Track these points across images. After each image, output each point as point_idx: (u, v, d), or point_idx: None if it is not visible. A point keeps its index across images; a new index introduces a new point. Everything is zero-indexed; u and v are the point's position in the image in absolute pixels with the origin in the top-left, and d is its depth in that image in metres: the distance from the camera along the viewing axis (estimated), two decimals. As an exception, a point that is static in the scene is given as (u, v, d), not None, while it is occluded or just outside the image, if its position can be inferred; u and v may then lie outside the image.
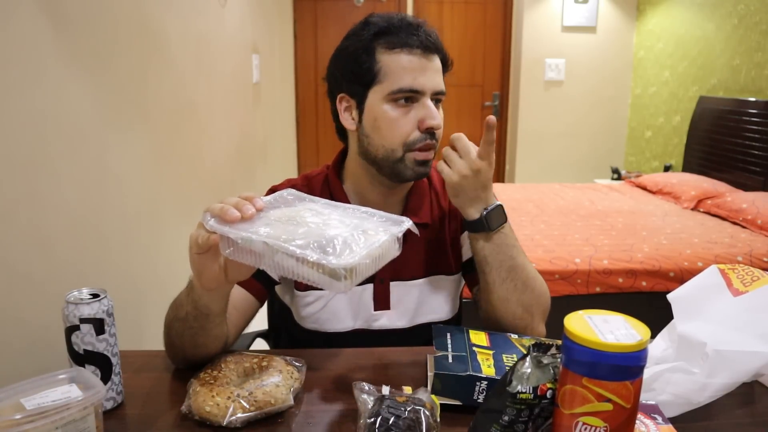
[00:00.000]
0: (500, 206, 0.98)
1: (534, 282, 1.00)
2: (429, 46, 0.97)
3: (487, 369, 0.81)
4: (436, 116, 0.97)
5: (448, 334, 0.91)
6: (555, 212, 2.97)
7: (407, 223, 0.78)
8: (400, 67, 0.96)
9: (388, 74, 0.97)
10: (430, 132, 0.98)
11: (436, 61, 0.99)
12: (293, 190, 0.84)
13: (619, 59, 4.44)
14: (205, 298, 0.82)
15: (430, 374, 0.84)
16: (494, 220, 0.97)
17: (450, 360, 0.83)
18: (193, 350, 0.89)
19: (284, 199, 0.82)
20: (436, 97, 1.00)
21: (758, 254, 2.26)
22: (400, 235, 0.76)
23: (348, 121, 1.03)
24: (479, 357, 0.84)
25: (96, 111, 1.27)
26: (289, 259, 0.69)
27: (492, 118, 0.92)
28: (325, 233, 0.71)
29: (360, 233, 0.73)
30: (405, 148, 0.98)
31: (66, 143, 1.14)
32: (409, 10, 4.52)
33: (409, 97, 0.98)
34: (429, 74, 0.97)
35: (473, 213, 0.97)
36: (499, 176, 4.79)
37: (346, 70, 1.01)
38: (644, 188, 3.54)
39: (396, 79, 0.96)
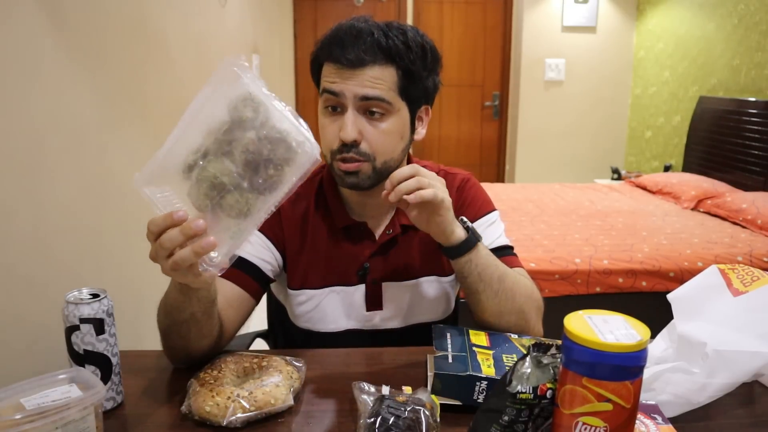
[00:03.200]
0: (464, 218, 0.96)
1: (519, 286, 0.98)
2: (351, 60, 0.93)
3: (487, 369, 0.81)
4: (345, 128, 0.94)
5: (448, 334, 0.91)
6: (555, 212, 2.97)
7: (242, 71, 0.70)
8: (325, 75, 0.98)
9: (321, 81, 0.99)
10: (346, 144, 0.94)
11: (366, 72, 0.94)
12: (140, 175, 0.72)
13: (619, 59, 4.44)
14: (212, 290, 0.83)
15: (430, 374, 0.84)
16: (475, 229, 0.95)
17: (450, 360, 0.83)
18: (198, 343, 0.88)
19: (164, 193, 0.73)
20: (367, 105, 0.95)
21: (758, 254, 2.26)
22: (245, 78, 0.69)
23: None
24: (479, 357, 0.84)
25: (95, 111, 1.27)
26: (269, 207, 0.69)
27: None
28: (235, 163, 0.69)
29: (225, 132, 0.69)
30: (332, 157, 0.98)
31: (65, 143, 1.14)
32: (409, 11, 4.52)
33: (335, 104, 0.96)
34: (350, 81, 0.94)
35: (459, 232, 0.92)
36: (499, 176, 4.79)
37: (312, 78, 1.05)
38: (644, 188, 3.54)
39: (322, 85, 0.99)
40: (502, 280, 0.96)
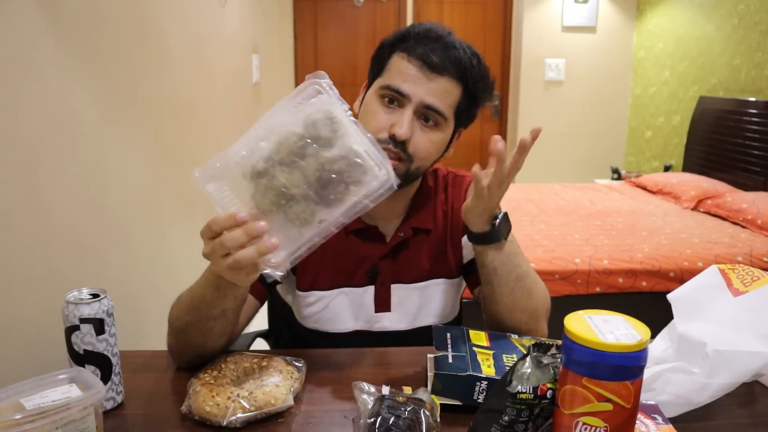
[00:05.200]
0: (506, 213, 0.95)
1: (537, 287, 0.99)
2: (435, 64, 0.95)
3: (487, 369, 0.81)
4: (402, 126, 0.94)
5: (448, 335, 0.91)
6: (555, 212, 2.97)
7: (324, 85, 0.72)
8: (398, 69, 0.98)
9: (388, 71, 1.00)
10: (394, 139, 0.95)
11: (440, 82, 0.96)
12: (202, 172, 0.74)
13: (619, 59, 4.44)
14: (246, 288, 0.85)
15: (430, 374, 0.84)
16: (504, 228, 0.94)
17: (450, 360, 0.83)
18: (217, 341, 0.89)
19: (222, 192, 0.75)
20: (426, 113, 0.97)
21: (758, 254, 2.26)
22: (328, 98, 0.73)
23: (357, 104, 1.06)
24: (479, 357, 0.84)
25: (95, 111, 1.27)
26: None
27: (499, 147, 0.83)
28: (306, 176, 0.72)
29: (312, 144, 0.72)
30: None
31: (65, 143, 1.14)
32: (409, 11, 4.52)
33: (394, 98, 0.97)
34: (422, 85, 0.95)
35: (484, 225, 0.93)
36: (499, 176, 4.78)
37: (372, 61, 1.05)
38: (644, 188, 3.54)
39: (389, 77, 0.99)
40: (520, 280, 0.96)
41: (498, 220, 0.93)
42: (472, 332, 0.93)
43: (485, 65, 1.01)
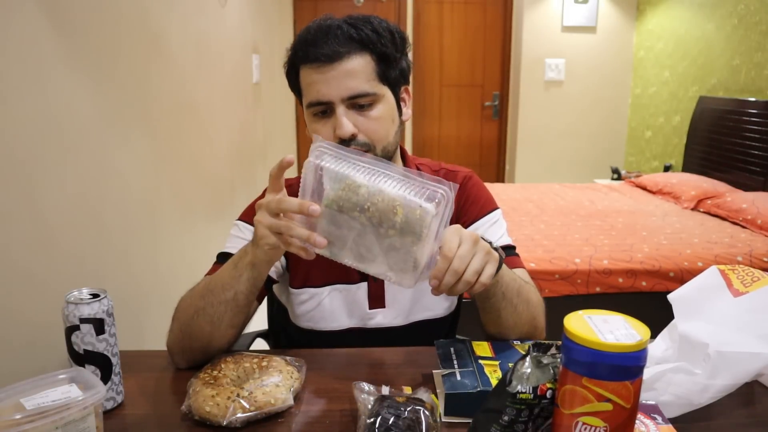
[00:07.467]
0: (489, 241, 0.87)
1: (531, 294, 0.98)
2: (328, 54, 0.95)
3: (496, 381, 0.80)
4: (341, 125, 0.95)
5: (452, 349, 0.89)
6: (555, 212, 2.97)
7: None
8: (307, 83, 0.99)
9: (303, 90, 1.00)
10: (345, 141, 0.96)
11: (345, 65, 0.95)
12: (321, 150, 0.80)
13: (619, 59, 4.44)
14: (265, 271, 0.88)
15: (439, 391, 0.84)
16: (502, 252, 0.89)
17: (458, 377, 0.81)
18: (226, 331, 0.91)
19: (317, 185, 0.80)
20: (354, 102, 0.97)
21: (758, 254, 2.26)
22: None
23: (308, 131, 1.07)
24: (487, 370, 0.83)
25: (97, 111, 1.27)
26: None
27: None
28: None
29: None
30: None
31: (67, 143, 1.14)
32: (409, 11, 4.52)
33: (324, 110, 0.98)
34: (332, 83, 0.95)
35: None
36: (499, 176, 4.79)
37: (292, 90, 1.06)
38: (644, 188, 3.54)
39: (307, 95, 0.99)
40: (520, 293, 0.94)
41: (494, 244, 0.87)
42: (475, 344, 0.92)
43: (381, 21, 1.01)
